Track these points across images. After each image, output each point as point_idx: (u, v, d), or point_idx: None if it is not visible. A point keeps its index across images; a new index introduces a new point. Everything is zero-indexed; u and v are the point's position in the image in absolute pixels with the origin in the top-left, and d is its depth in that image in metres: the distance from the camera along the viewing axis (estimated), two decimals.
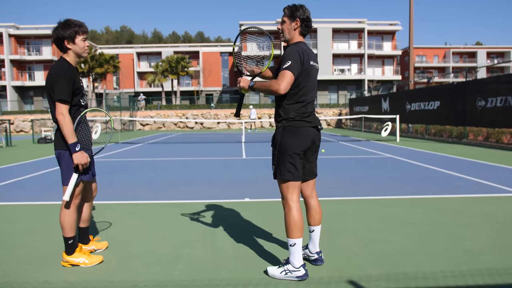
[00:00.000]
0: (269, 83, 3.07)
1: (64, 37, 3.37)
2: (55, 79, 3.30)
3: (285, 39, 3.29)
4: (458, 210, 5.23)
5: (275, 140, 3.24)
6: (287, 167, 3.13)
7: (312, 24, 3.30)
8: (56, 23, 3.41)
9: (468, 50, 68.99)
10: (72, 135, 3.32)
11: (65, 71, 3.36)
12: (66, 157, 3.42)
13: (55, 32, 3.39)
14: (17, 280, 3.20)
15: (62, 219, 3.46)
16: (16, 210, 5.68)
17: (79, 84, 3.45)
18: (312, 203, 3.41)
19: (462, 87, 16.58)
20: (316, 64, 3.27)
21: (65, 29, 3.37)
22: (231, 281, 3.11)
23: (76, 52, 3.45)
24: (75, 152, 3.34)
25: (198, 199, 6.10)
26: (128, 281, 3.15)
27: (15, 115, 38.19)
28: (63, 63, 3.41)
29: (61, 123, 3.29)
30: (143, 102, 42.26)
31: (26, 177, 8.47)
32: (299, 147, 3.14)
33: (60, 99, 3.28)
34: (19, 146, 17.86)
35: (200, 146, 16.62)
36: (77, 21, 3.44)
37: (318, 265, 3.41)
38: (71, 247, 3.49)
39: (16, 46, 51.83)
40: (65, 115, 3.30)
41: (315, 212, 3.39)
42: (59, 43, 3.41)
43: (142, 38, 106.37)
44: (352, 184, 7.25)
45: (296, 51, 3.10)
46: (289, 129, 3.15)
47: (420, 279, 3.09)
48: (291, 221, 3.12)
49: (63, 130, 3.30)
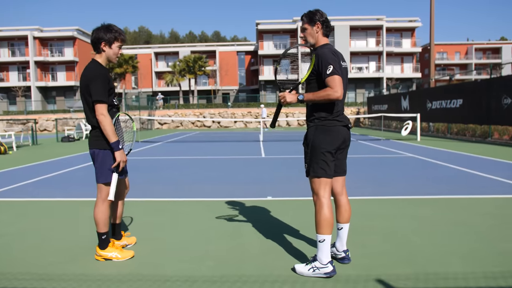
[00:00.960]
0: (325, 93, 3.10)
1: (104, 39, 3.50)
2: (91, 80, 3.41)
3: (310, 44, 3.37)
4: (485, 211, 5.13)
5: (308, 138, 3.30)
6: (320, 165, 3.19)
7: (330, 24, 3.38)
8: (99, 25, 3.56)
9: (492, 45, 66.96)
10: (114, 134, 3.44)
11: (100, 72, 3.47)
12: (101, 156, 3.52)
13: (97, 32, 3.51)
14: (56, 272, 3.34)
15: (97, 215, 3.57)
16: (48, 205, 5.89)
17: (112, 84, 3.56)
18: (342, 201, 3.45)
19: (486, 84, 16.20)
20: (345, 63, 3.32)
21: (107, 32, 3.51)
22: (259, 278, 3.14)
23: (109, 56, 3.58)
24: (118, 150, 3.47)
25: (220, 197, 6.14)
26: (159, 276, 3.23)
27: (39, 114, 39.01)
28: (96, 64, 3.52)
29: (102, 123, 3.39)
30: (161, 102, 42.68)
31: (54, 174, 8.69)
32: (331, 145, 3.20)
33: (98, 100, 3.38)
34: (44, 145, 18.24)
35: (219, 145, 16.68)
36: (118, 28, 3.58)
37: (345, 264, 3.40)
38: (104, 242, 3.60)
39: (40, 48, 53.18)
40: (106, 115, 3.40)
41: (345, 209, 3.43)
42: (96, 43, 3.53)
43: (159, 38, 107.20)
44: (376, 183, 7.19)
45: (330, 53, 3.15)
46: (322, 128, 3.22)
47: (451, 280, 3.05)
48: (321, 217, 3.16)
49: (105, 129, 3.40)
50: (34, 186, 7.42)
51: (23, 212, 5.44)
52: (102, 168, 3.52)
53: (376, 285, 2.97)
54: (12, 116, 39.84)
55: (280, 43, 54.13)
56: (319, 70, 3.14)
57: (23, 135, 18.90)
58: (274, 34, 54.20)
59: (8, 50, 53.17)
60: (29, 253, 3.81)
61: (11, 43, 53.24)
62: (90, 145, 3.57)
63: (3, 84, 52.03)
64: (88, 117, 3.51)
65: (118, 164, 3.50)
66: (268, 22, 54.81)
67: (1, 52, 52.91)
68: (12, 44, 53.26)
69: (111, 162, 3.52)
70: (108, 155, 3.51)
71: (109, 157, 3.51)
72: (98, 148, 3.51)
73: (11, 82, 52.29)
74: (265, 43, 53.94)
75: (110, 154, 3.51)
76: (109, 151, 3.51)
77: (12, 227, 4.71)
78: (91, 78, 3.41)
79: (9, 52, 53.23)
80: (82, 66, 53.64)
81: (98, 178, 3.55)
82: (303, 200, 5.87)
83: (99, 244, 3.61)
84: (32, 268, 3.42)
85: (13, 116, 39.78)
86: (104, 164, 3.51)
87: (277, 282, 3.05)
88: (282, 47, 53.76)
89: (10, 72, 53.25)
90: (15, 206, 5.86)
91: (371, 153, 12.42)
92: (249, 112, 36.75)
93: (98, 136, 3.48)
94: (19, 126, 32.31)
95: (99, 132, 3.47)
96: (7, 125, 32.94)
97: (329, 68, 3.07)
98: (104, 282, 3.13)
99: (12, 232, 4.51)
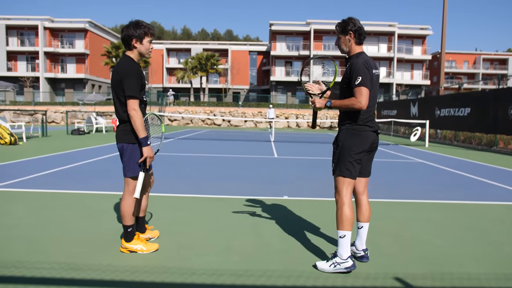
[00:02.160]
0: (350, 102, 3.30)
1: (134, 36, 3.55)
2: (125, 76, 3.46)
3: (344, 52, 3.54)
4: (494, 217, 5.32)
5: (338, 140, 3.49)
6: (346, 166, 3.39)
7: (365, 31, 3.51)
8: (128, 23, 3.60)
9: (500, 56, 67.60)
10: (143, 130, 3.51)
11: (133, 68, 3.52)
12: (129, 150, 3.60)
13: (126, 30, 3.56)
14: (84, 262, 3.42)
15: (123, 208, 3.66)
16: (66, 197, 5.97)
17: (144, 80, 3.65)
18: (363, 200, 3.65)
19: (494, 94, 16.37)
20: (377, 70, 3.49)
21: (136, 28, 3.55)
22: (283, 273, 3.30)
23: (141, 51, 3.63)
24: (146, 146, 3.55)
25: (237, 195, 6.32)
26: (185, 268, 3.34)
27: (47, 106, 39.18)
28: (128, 60, 3.57)
29: (134, 118, 3.46)
30: (171, 98, 42.88)
31: (69, 167, 8.85)
32: (359, 148, 3.40)
33: (131, 95, 3.46)
34: (54, 137, 18.44)
35: (230, 143, 16.89)
36: (146, 23, 3.63)
37: (363, 262, 3.59)
38: (130, 234, 3.69)
39: (51, 39, 53.31)
40: (137, 110, 3.48)
41: (365, 209, 3.63)
42: (127, 41, 3.58)
43: (171, 35, 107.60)
44: (388, 187, 7.37)
45: (362, 64, 3.32)
46: (352, 132, 3.42)
47: (465, 280, 3.24)
48: (343, 214, 3.35)
49: (136, 124, 3.47)
50: (50, 177, 7.53)
51: (41, 204, 5.48)
52: (130, 162, 3.60)
53: (394, 283, 3.16)
54: (20, 106, 39.71)
55: (293, 45, 54.34)
56: (350, 78, 3.34)
57: (33, 126, 19.02)
58: (287, 36, 54.39)
59: (17, 39, 53.14)
60: (53, 244, 3.87)
61: (20, 32, 53.19)
62: (118, 139, 3.62)
63: (11, 73, 51.85)
64: (117, 111, 3.58)
65: (145, 159, 3.59)
66: (282, 23, 55.00)
67: (10, 41, 52.85)
68: (21, 33, 53.24)
69: (139, 157, 3.59)
70: (136, 149, 3.59)
71: (137, 152, 3.59)
72: (127, 142, 3.57)
73: (19, 72, 52.27)
74: (277, 44, 54.13)
75: (138, 149, 3.58)
76: (137, 146, 3.58)
77: (32, 218, 4.76)
78: (125, 74, 3.46)
79: (18, 41, 53.18)
80: (93, 59, 53.87)
81: (126, 172, 3.63)
82: (318, 200, 6.07)
83: (125, 237, 3.68)
84: (59, 258, 3.49)
85: (21, 106, 39.65)
86: (132, 158, 3.59)
87: (301, 277, 3.22)
88: (295, 48, 53.98)
89: (19, 62, 53.21)
90: (32, 197, 5.89)
91: (381, 157, 12.57)
92: (260, 112, 36.93)
93: (128, 131, 3.55)
94: (27, 117, 32.56)
95: (129, 126, 3.54)
96: (14, 116, 33.08)
97: (357, 79, 3.26)
98: (133, 273, 3.22)
99: (33, 223, 4.55)
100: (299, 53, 52.83)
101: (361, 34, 3.46)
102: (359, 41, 3.48)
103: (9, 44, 52.83)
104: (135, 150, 3.60)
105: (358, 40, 3.47)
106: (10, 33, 52.86)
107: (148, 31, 3.61)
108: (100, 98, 41.54)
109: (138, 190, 3.60)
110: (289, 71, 54.37)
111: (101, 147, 13.63)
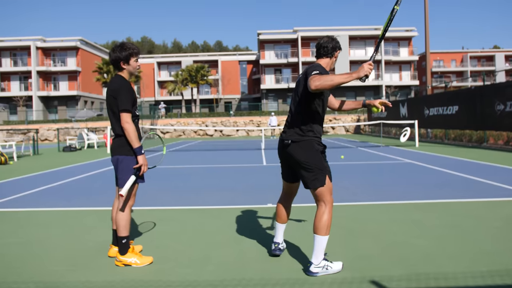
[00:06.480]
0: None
1: (121, 58, 3.78)
2: (118, 92, 3.69)
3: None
4: (478, 214, 5.32)
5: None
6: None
7: (321, 45, 3.69)
8: (113, 46, 3.86)
9: (486, 54, 68.51)
10: (137, 140, 3.72)
11: (124, 85, 3.74)
12: (125, 162, 3.74)
13: (113, 54, 3.80)
14: (60, 279, 3.41)
15: (117, 219, 3.77)
16: (50, 215, 5.95)
17: (135, 96, 3.84)
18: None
19: (480, 91, 16.51)
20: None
21: (122, 51, 3.77)
22: (260, 281, 3.28)
23: (129, 71, 3.87)
24: (141, 155, 3.73)
25: (221, 205, 6.31)
26: (162, 281, 3.34)
27: (40, 124, 39.16)
28: (120, 78, 3.80)
29: (127, 130, 3.67)
30: (163, 111, 42.90)
31: (55, 184, 8.78)
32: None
33: (124, 109, 3.67)
34: (45, 155, 18.34)
35: (221, 153, 16.88)
36: (131, 45, 3.85)
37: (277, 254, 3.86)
38: (124, 246, 3.74)
39: (43, 58, 53.67)
40: (130, 122, 3.69)
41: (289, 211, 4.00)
42: (116, 63, 3.82)
43: (162, 48, 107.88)
44: (372, 190, 7.36)
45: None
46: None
47: (441, 280, 3.22)
48: (331, 218, 3.53)
49: (130, 136, 3.67)
50: (36, 196, 7.48)
51: (25, 222, 5.46)
52: (126, 174, 3.74)
53: (370, 286, 3.14)
54: (13, 126, 39.62)
55: (281, 53, 54.68)
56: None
57: (24, 145, 18.92)
58: (275, 44, 54.69)
59: (10, 60, 53.68)
60: (32, 262, 3.88)
61: (13, 53, 53.75)
62: (113, 152, 3.80)
63: (4, 94, 52.30)
64: (113, 127, 3.79)
65: (140, 167, 3.73)
66: (270, 32, 55.39)
67: (3, 62, 53.38)
68: (14, 54, 53.78)
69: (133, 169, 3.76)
70: (131, 161, 3.74)
71: (132, 164, 3.74)
72: (122, 154, 3.74)
73: (12, 92, 52.59)
74: (266, 52, 54.39)
75: (133, 160, 3.74)
76: (133, 158, 3.73)
77: (14, 237, 4.75)
78: (117, 90, 3.69)
79: (11, 62, 53.70)
80: (85, 76, 54.09)
81: (121, 183, 3.74)
82: (300, 206, 6.04)
83: (119, 250, 3.75)
84: (36, 277, 3.49)
85: (14, 126, 39.57)
86: (127, 170, 3.74)
87: (277, 285, 3.20)
88: (283, 56, 54.28)
89: (12, 82, 53.60)
90: (16, 217, 5.87)
91: (370, 159, 12.60)
92: (251, 121, 36.95)
93: (123, 143, 3.73)
94: (20, 136, 32.42)
95: (124, 140, 3.72)
96: (7, 135, 32.98)
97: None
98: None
99: (14, 242, 4.56)
100: (288, 61, 53.09)
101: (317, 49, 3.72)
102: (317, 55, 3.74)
103: (2, 65, 53.25)
104: (131, 161, 3.75)
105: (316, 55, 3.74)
106: (3, 54, 53.38)
107: (133, 52, 3.83)
108: (91, 114, 41.39)
109: (125, 189, 3.66)
110: (279, 78, 54.59)
111: (90, 163, 13.54)
